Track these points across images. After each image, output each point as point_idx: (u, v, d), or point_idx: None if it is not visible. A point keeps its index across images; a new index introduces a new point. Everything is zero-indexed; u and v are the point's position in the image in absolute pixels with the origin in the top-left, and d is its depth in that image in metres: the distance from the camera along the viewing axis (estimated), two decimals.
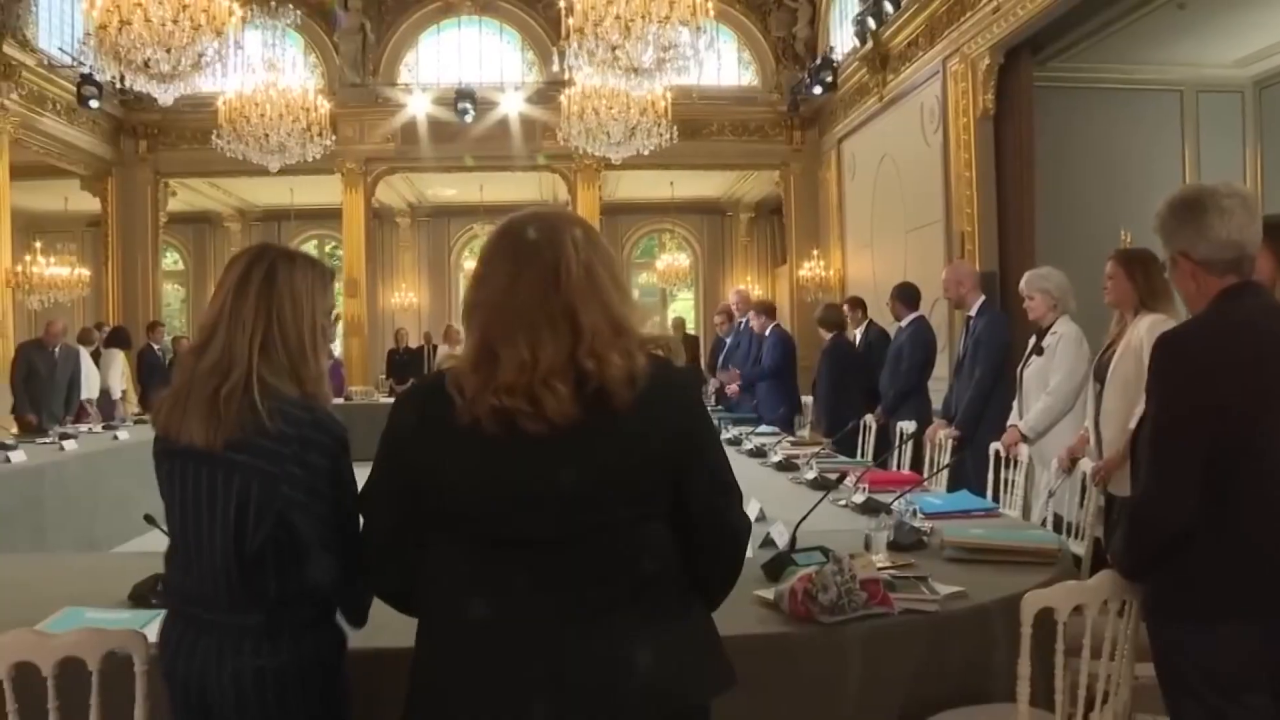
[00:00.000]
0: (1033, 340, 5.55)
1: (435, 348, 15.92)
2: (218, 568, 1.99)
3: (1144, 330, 4.20)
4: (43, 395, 9.75)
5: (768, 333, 9.73)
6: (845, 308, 9.67)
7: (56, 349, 10.03)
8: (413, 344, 16.65)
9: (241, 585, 1.98)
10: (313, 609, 2.04)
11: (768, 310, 10.19)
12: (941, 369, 8.19)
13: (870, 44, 13.07)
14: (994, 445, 5.25)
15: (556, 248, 1.75)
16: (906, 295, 8.06)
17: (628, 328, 1.75)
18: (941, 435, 6.08)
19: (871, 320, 9.59)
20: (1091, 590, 2.39)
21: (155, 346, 13.35)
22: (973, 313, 6.59)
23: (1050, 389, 5.24)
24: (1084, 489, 4.38)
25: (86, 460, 7.80)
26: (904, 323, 7.96)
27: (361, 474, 1.96)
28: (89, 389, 10.92)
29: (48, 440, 8.11)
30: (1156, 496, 2.26)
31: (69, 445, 7.77)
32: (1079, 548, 4.23)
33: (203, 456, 1.98)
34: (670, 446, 1.77)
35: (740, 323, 10.51)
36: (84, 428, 9.41)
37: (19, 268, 13.36)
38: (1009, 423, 5.45)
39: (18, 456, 7.03)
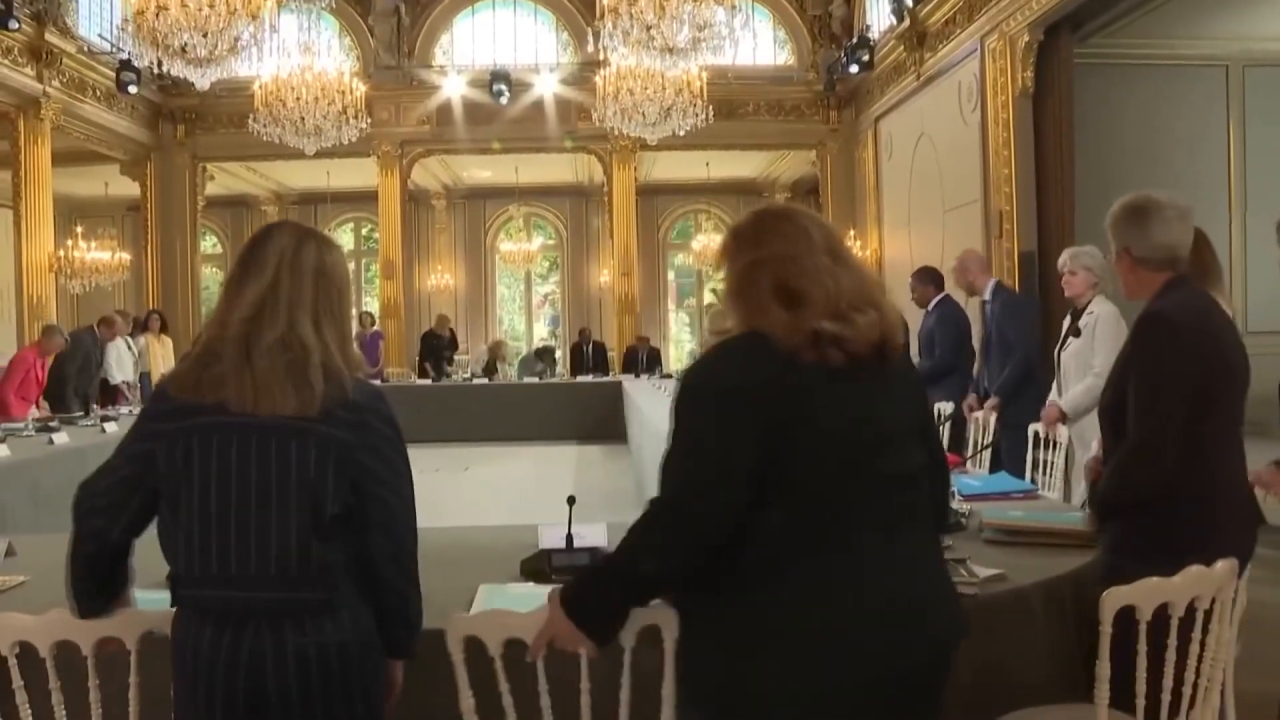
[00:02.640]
0: (1067, 321, 5.39)
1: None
2: (287, 542, 1.93)
3: None
4: (89, 386, 9.87)
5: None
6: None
7: (108, 344, 10.19)
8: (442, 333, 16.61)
9: (310, 559, 1.94)
10: (364, 585, 2.01)
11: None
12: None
13: (907, 22, 12.94)
14: (1033, 426, 5.17)
15: (817, 220, 1.98)
16: (930, 277, 7.83)
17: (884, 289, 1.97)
18: (979, 415, 5.96)
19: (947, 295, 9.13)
20: (1178, 588, 2.24)
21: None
22: (987, 296, 6.48)
23: (1096, 369, 5.07)
24: None
25: None
26: (930, 305, 7.80)
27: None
28: (124, 372, 11.05)
29: (89, 423, 8.20)
30: (1149, 450, 2.57)
31: (110, 427, 7.86)
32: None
33: (271, 429, 1.93)
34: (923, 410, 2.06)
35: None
36: (125, 409, 9.52)
37: (61, 252, 13.51)
38: (1050, 400, 5.36)
39: (60, 438, 7.12)
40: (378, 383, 13.02)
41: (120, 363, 10.96)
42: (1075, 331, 5.25)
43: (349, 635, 1.96)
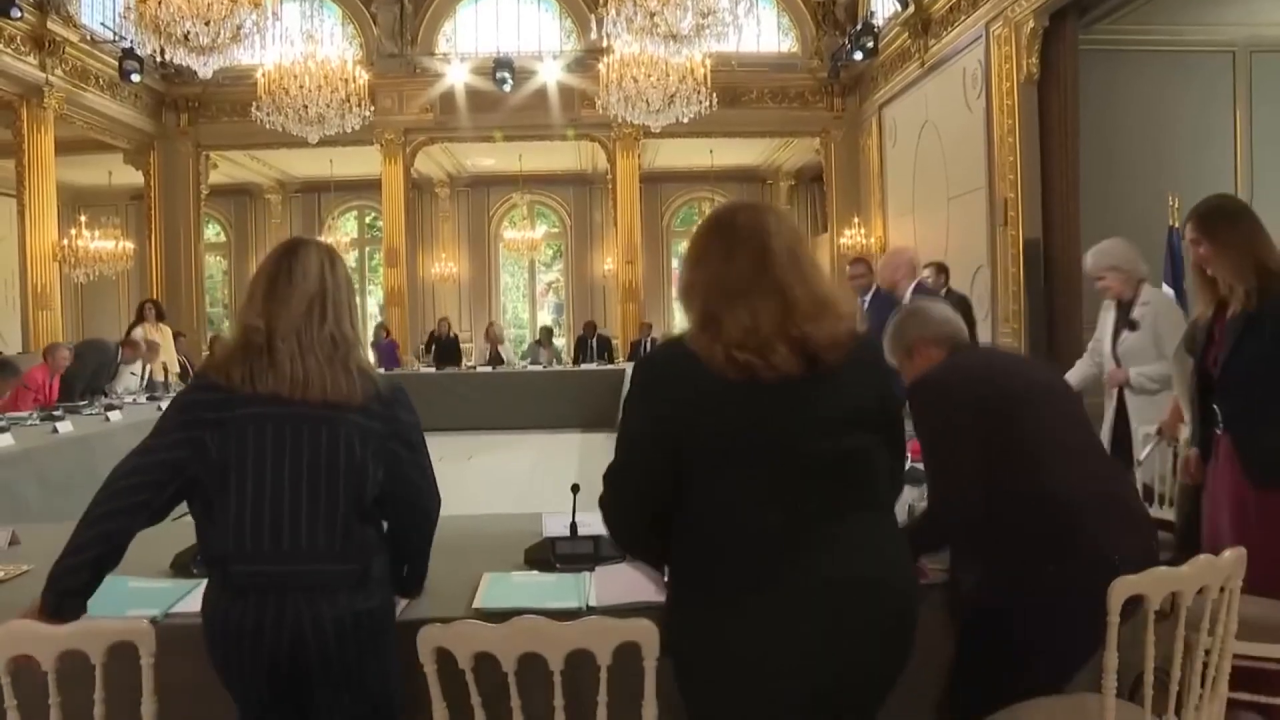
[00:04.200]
0: (1109, 315, 5.20)
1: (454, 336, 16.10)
2: (335, 519, 2.15)
3: None
4: (96, 391, 9.89)
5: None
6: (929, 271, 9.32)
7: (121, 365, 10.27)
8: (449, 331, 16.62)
9: (352, 536, 2.17)
10: (391, 559, 2.30)
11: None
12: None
13: (911, 8, 12.90)
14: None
15: (761, 233, 2.07)
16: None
17: (831, 303, 2.07)
18: None
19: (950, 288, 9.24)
20: (1187, 577, 2.22)
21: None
22: (906, 298, 6.33)
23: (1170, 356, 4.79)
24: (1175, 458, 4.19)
25: (135, 430, 7.90)
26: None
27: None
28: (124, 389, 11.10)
29: (93, 411, 8.21)
30: (949, 507, 2.58)
31: (114, 416, 7.86)
32: (1169, 514, 3.94)
33: (321, 416, 2.17)
34: (878, 403, 2.12)
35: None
36: (129, 398, 9.52)
37: (65, 241, 13.51)
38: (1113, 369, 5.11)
39: (65, 427, 7.13)
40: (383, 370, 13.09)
41: (123, 382, 10.95)
42: (1130, 325, 5.01)
43: (376, 604, 2.20)
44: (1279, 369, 3.18)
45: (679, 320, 21.07)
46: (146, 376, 10.94)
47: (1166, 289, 7.39)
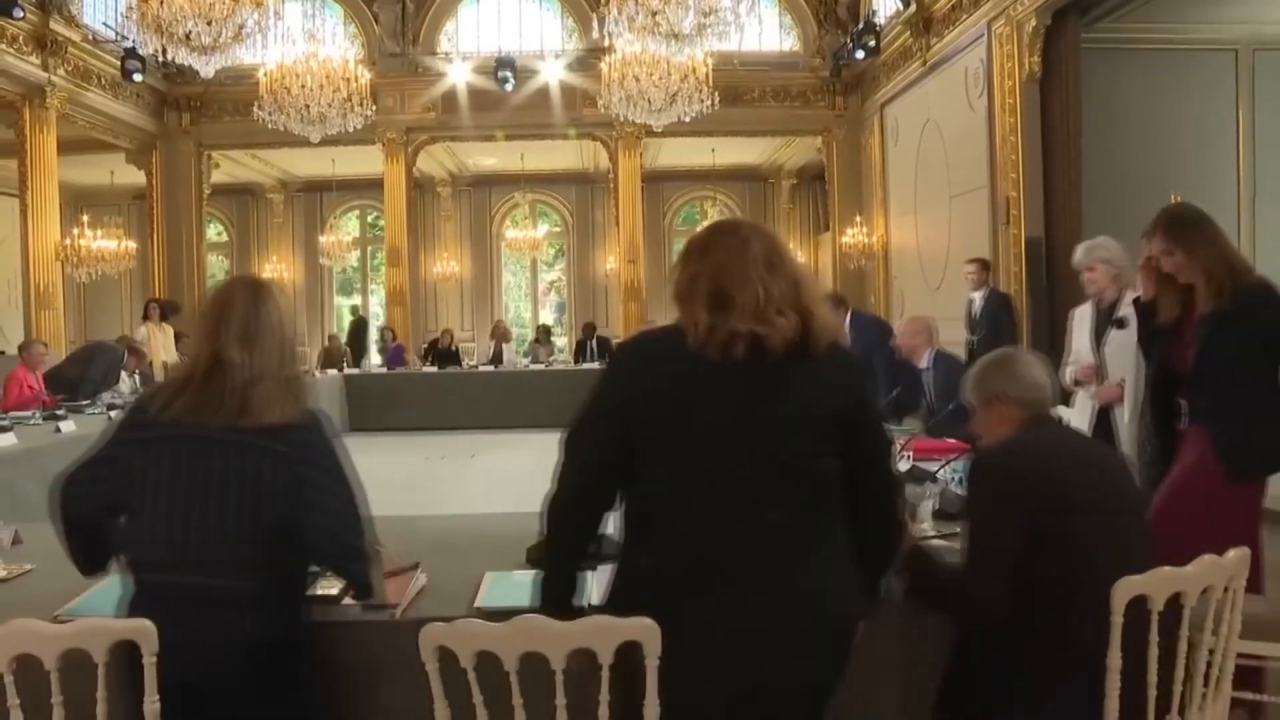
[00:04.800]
0: (1085, 322, 5.17)
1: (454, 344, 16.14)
2: (236, 538, 2.21)
3: None
4: (98, 394, 9.90)
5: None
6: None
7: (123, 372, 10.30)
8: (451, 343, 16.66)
9: (257, 556, 2.21)
10: (303, 585, 2.36)
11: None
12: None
13: (913, 7, 12.89)
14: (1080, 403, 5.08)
15: (760, 232, 2.20)
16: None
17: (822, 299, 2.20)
18: None
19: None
20: (1191, 577, 2.23)
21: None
22: (925, 364, 6.20)
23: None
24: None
25: None
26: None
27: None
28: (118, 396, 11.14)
29: (96, 410, 8.22)
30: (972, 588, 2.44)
31: (116, 416, 7.86)
32: None
33: (229, 440, 2.25)
34: (850, 405, 2.15)
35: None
36: (133, 399, 9.52)
37: (67, 241, 13.51)
38: (1107, 384, 5.07)
39: (68, 426, 7.13)
40: (384, 369, 13.09)
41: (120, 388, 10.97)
42: (1118, 323, 4.97)
43: (281, 637, 2.23)
44: (1253, 364, 3.36)
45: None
46: (138, 378, 10.98)
47: None
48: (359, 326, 18.22)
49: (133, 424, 2.35)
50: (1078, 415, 5.08)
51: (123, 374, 10.64)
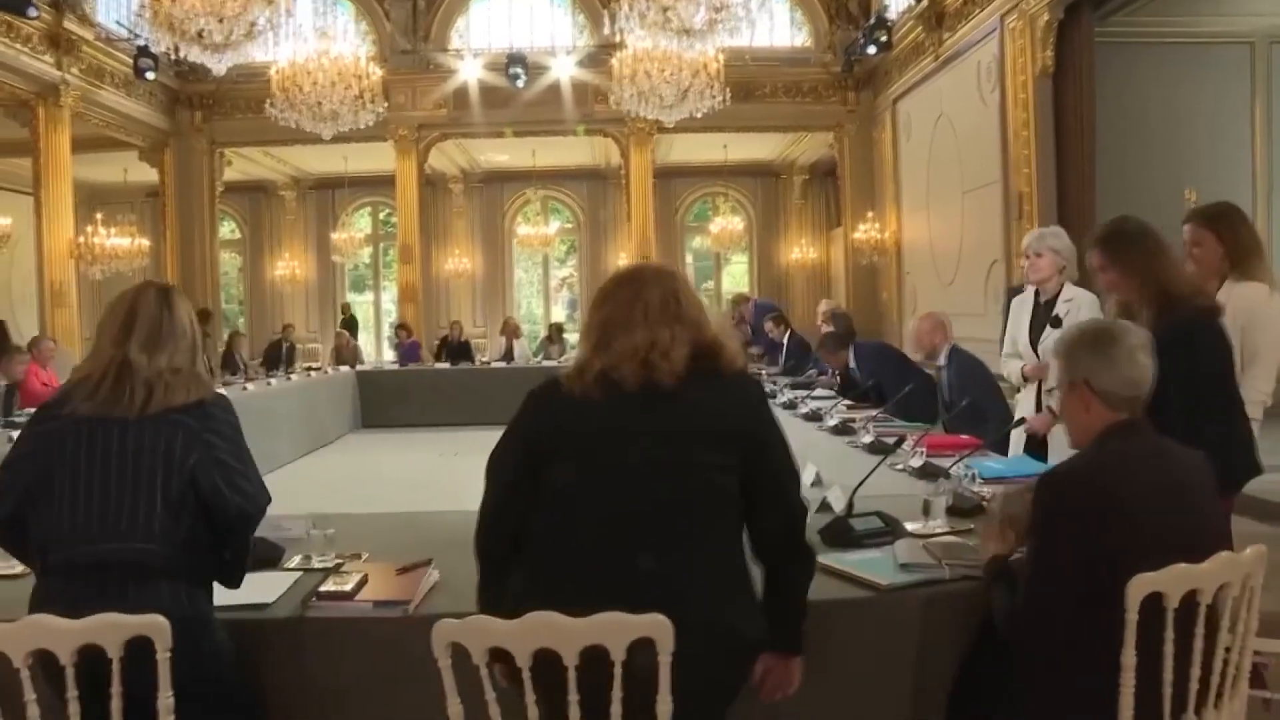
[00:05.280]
0: (1024, 311, 5.01)
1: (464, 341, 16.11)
2: (145, 504, 2.30)
3: (1236, 301, 3.70)
4: None
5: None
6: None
7: None
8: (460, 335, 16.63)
9: (165, 522, 2.30)
10: (209, 562, 2.40)
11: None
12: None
13: (925, 1, 12.85)
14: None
15: (668, 280, 2.30)
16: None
17: (728, 338, 2.31)
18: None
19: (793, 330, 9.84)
20: (1207, 574, 2.19)
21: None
22: (941, 361, 6.11)
23: None
24: None
25: None
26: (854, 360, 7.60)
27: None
28: None
29: None
30: (1030, 607, 2.33)
31: None
32: None
33: (137, 422, 2.35)
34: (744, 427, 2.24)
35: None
36: None
37: (81, 238, 13.57)
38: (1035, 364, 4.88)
39: None
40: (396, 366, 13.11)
41: None
42: (1053, 321, 4.78)
43: (191, 609, 2.29)
44: (1196, 393, 3.13)
45: None
46: None
47: None
48: (349, 325, 18.03)
49: (43, 418, 2.44)
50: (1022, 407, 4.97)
51: None
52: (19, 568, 2.88)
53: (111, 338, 2.45)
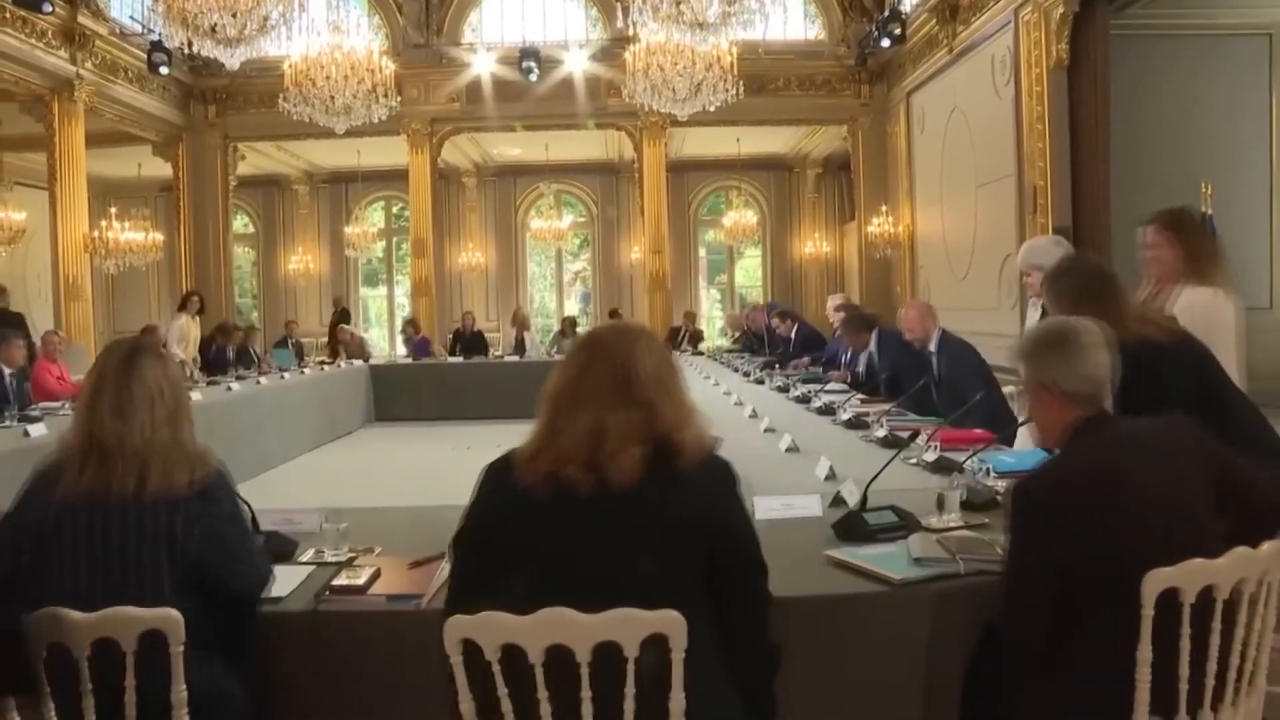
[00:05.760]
0: (1034, 316, 4.95)
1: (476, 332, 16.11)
2: (148, 584, 2.26)
3: (1183, 307, 3.70)
4: None
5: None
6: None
7: None
8: (473, 325, 16.65)
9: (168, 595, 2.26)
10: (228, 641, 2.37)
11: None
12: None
13: None
14: None
15: (624, 352, 2.17)
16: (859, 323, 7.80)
17: (688, 421, 2.16)
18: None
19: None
20: (1224, 569, 2.18)
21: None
22: (932, 347, 6.17)
23: None
24: None
25: None
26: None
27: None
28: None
29: None
30: (1012, 606, 2.35)
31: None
32: None
33: (131, 504, 2.31)
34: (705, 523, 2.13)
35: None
36: None
37: (96, 233, 13.62)
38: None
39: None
40: (409, 360, 13.14)
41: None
42: None
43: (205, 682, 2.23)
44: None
45: (705, 309, 21.08)
46: None
47: None
48: (342, 319, 17.72)
49: (37, 492, 2.39)
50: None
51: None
52: None
53: (84, 403, 2.45)
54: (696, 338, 15.75)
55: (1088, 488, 2.30)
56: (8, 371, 8.14)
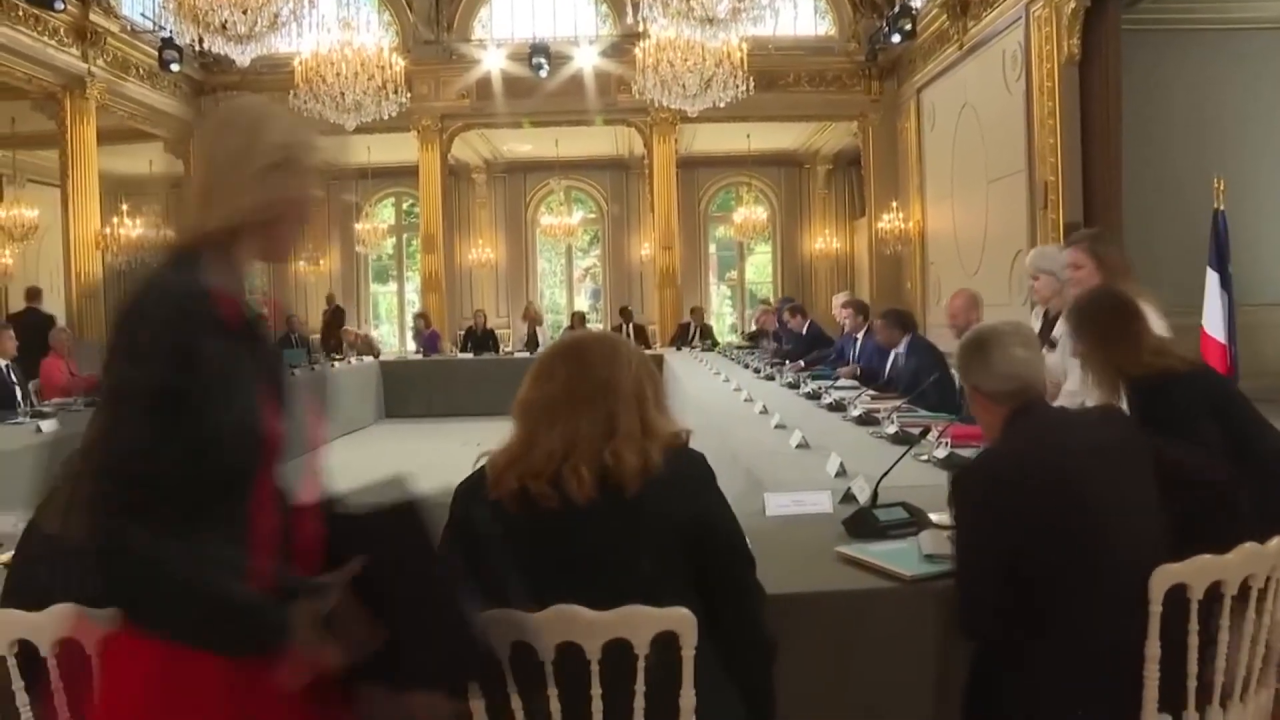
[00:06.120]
0: (1038, 326, 4.96)
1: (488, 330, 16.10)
2: None
3: None
4: None
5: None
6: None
7: None
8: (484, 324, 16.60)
9: None
10: None
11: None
12: None
13: None
14: None
15: (610, 359, 2.13)
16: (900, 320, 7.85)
17: (655, 430, 2.09)
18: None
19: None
20: (1232, 565, 2.17)
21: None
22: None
23: (1066, 388, 4.39)
24: None
25: None
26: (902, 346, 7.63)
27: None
28: None
29: None
30: (969, 624, 2.39)
31: None
32: None
33: None
34: (688, 524, 2.07)
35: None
36: None
37: (107, 229, 13.66)
38: None
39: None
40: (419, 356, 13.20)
41: None
42: (1050, 344, 4.65)
43: None
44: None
45: (715, 305, 21.07)
46: None
47: (1212, 274, 7.25)
48: (335, 316, 17.33)
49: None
50: None
51: None
52: None
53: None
54: (707, 332, 15.73)
55: (1018, 469, 2.36)
56: (2, 362, 8.19)
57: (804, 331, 11.25)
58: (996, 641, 2.33)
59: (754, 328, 15.27)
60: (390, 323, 21.55)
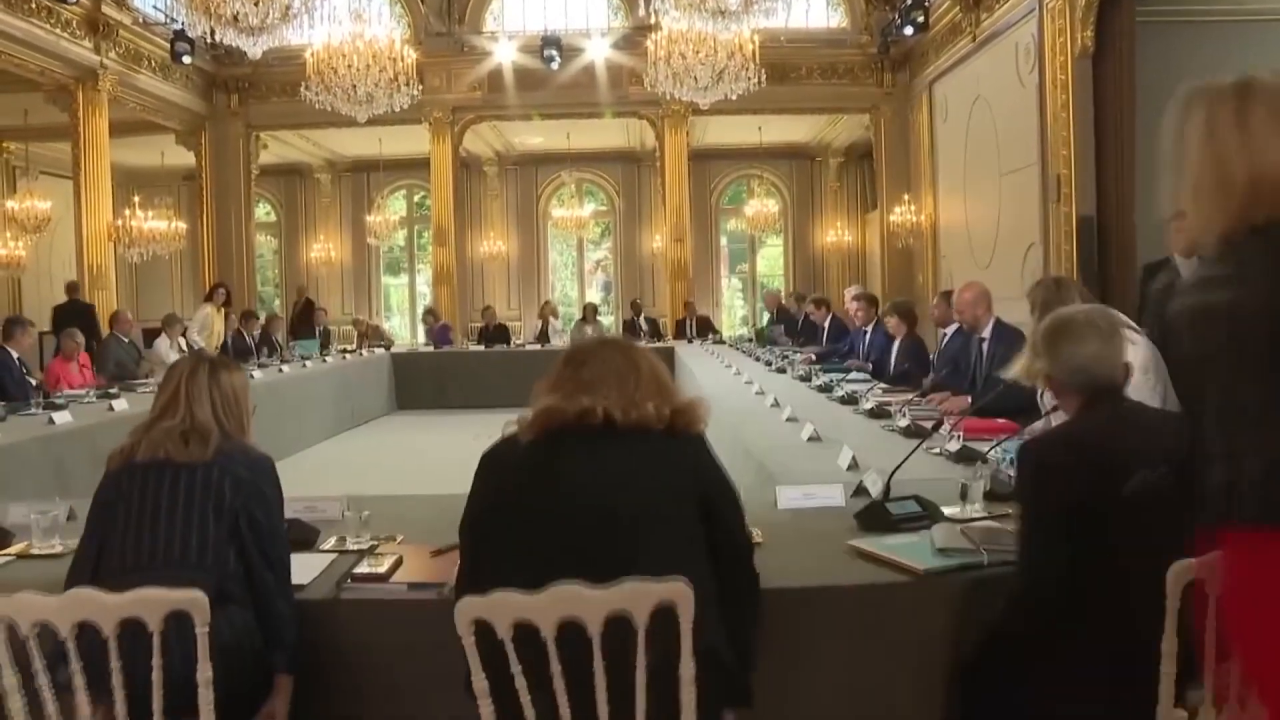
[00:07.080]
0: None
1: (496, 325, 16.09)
2: (200, 545, 2.44)
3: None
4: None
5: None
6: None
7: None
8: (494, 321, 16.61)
9: (208, 550, 2.45)
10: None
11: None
12: None
13: None
14: None
15: (630, 348, 2.45)
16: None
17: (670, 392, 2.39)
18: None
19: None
20: None
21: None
22: (985, 334, 6.18)
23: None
24: None
25: None
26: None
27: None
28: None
29: (149, 389, 8.32)
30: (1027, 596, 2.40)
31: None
32: None
33: (193, 466, 2.53)
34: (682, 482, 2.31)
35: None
36: None
37: (119, 222, 13.69)
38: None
39: (120, 405, 7.24)
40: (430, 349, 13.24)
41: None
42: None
43: (228, 640, 2.32)
44: None
45: (726, 298, 21.05)
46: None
47: None
48: (306, 309, 17.20)
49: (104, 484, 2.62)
50: None
51: (166, 346, 11.03)
52: (59, 547, 2.93)
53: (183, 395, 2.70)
54: (705, 327, 15.58)
55: (1086, 445, 2.42)
56: (15, 355, 8.27)
57: (825, 324, 11.28)
58: (1047, 613, 2.33)
59: (768, 316, 15.26)
60: (401, 315, 21.58)
